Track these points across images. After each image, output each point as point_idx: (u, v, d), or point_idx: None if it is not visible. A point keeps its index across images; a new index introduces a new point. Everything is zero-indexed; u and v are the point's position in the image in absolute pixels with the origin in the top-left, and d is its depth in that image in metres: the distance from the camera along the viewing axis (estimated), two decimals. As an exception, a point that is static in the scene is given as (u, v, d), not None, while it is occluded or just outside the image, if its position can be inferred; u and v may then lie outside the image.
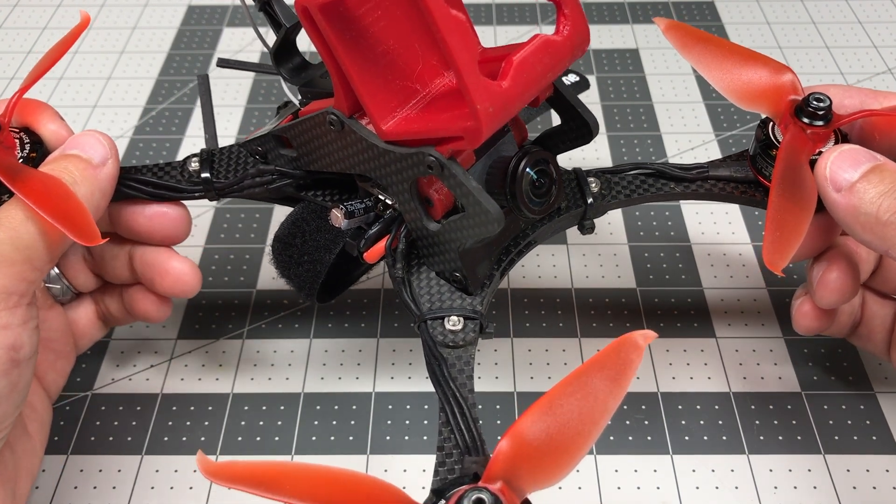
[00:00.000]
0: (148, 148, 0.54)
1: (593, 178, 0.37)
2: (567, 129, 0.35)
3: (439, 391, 0.30)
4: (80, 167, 0.32)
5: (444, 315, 0.33)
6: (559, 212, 0.36)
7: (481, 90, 0.28)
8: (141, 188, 0.36)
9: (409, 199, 0.32)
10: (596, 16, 0.65)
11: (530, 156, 0.32)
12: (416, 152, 0.31)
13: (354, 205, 0.34)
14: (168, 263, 0.36)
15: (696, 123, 0.55)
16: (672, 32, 0.36)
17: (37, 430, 0.35)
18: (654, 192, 0.37)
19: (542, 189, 0.33)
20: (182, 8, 0.66)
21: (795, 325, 0.38)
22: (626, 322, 0.43)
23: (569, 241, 0.48)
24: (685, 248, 0.47)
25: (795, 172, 0.33)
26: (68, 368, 0.38)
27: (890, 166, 0.32)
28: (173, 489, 0.37)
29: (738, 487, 0.37)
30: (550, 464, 0.25)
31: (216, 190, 0.37)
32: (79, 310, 0.39)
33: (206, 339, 0.43)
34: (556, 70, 0.31)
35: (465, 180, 0.30)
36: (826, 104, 0.33)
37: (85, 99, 0.58)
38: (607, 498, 0.37)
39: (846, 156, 0.32)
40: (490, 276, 0.34)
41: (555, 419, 0.25)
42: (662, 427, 0.39)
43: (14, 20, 0.66)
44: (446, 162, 0.30)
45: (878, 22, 0.63)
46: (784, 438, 0.39)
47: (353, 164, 0.33)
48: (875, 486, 0.37)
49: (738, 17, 0.64)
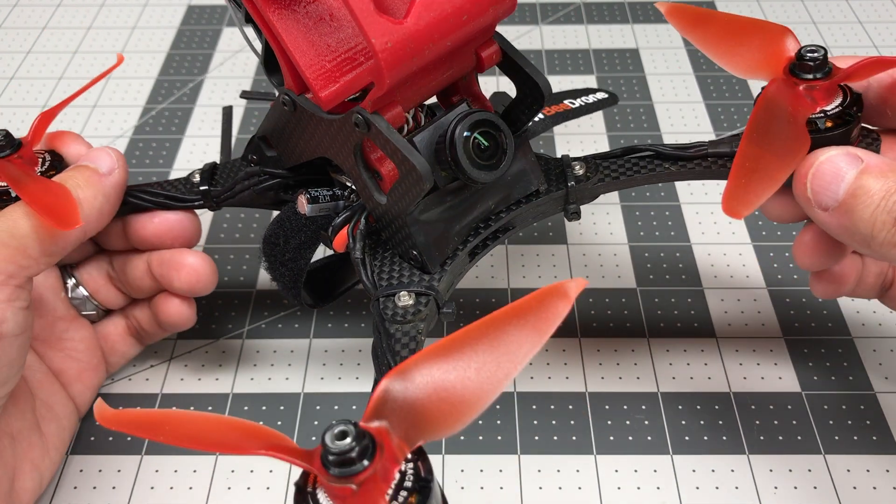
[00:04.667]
0: (148, 148, 0.54)
1: (578, 162, 0.36)
2: (522, 96, 0.34)
3: (375, 364, 0.30)
4: (85, 175, 0.35)
5: (395, 291, 0.32)
6: (538, 194, 0.35)
7: (375, 25, 0.28)
8: (146, 198, 0.38)
9: (358, 173, 0.32)
10: (596, 16, 0.65)
11: (469, 117, 0.31)
12: (347, 114, 0.31)
13: (320, 191, 0.35)
14: (182, 259, 0.38)
15: (696, 123, 0.55)
16: (674, 16, 0.35)
17: (53, 433, 0.36)
18: (646, 172, 0.35)
19: (489, 152, 0.32)
20: (182, 8, 0.66)
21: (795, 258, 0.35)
22: (626, 322, 0.43)
23: (569, 241, 0.48)
24: (685, 248, 0.47)
25: (780, 124, 0.30)
26: (97, 382, 0.40)
27: (875, 168, 0.29)
28: (173, 489, 0.37)
29: (739, 487, 0.37)
30: (446, 413, 0.23)
31: (213, 198, 0.38)
32: (108, 325, 0.40)
33: (206, 339, 0.43)
34: (474, 15, 0.30)
35: (388, 134, 0.30)
36: (819, 54, 0.31)
37: (85, 99, 0.58)
38: (607, 498, 0.37)
39: (826, 170, 0.30)
40: (453, 255, 0.34)
41: (454, 366, 0.24)
42: (662, 427, 0.39)
43: (14, 20, 0.65)
44: (370, 117, 0.30)
45: (879, 22, 0.63)
46: (784, 438, 0.38)
47: (313, 146, 0.34)
48: (875, 487, 0.37)
49: (739, 16, 0.64)
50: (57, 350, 0.38)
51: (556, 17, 0.65)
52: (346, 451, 0.22)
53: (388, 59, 0.28)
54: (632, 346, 0.42)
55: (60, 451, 0.37)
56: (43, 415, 0.36)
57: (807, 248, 0.34)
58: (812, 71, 0.31)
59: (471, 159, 0.31)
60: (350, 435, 0.22)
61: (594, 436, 0.39)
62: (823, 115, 0.32)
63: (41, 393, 0.37)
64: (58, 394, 0.37)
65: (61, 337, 0.38)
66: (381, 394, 0.24)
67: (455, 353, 0.24)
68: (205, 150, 0.54)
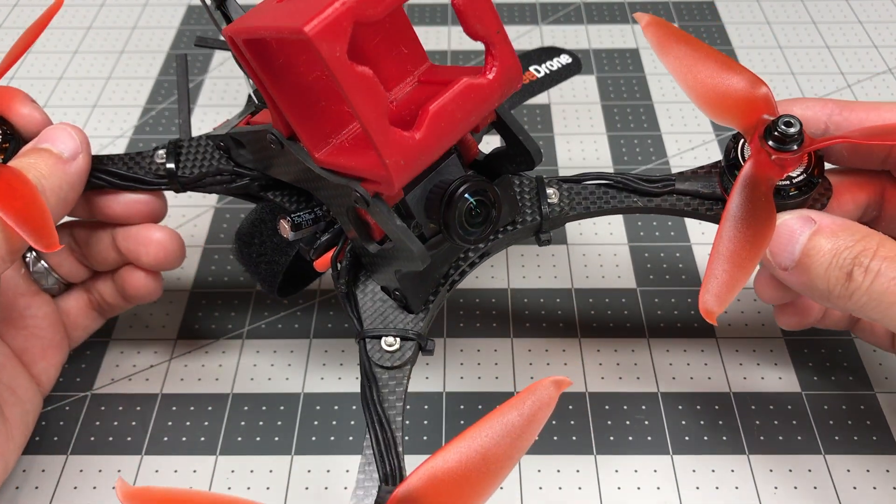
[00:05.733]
0: (147, 148, 0.54)
1: (553, 189, 0.36)
2: (512, 154, 0.34)
3: (366, 413, 0.31)
4: (49, 162, 0.33)
5: (381, 334, 0.33)
6: (514, 224, 0.35)
7: (390, 144, 0.27)
8: (109, 180, 0.37)
9: (347, 223, 0.32)
10: (596, 16, 0.65)
11: (471, 184, 0.31)
12: (345, 184, 0.30)
13: (302, 216, 0.34)
14: (150, 234, 0.37)
15: (696, 123, 0.55)
16: (652, 30, 0.34)
17: (17, 417, 0.35)
18: (615, 204, 0.36)
19: (479, 218, 0.32)
20: (182, 8, 0.66)
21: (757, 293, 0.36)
22: (626, 322, 0.43)
23: (569, 241, 0.48)
24: (685, 248, 0.47)
25: (755, 204, 0.31)
26: (60, 359, 0.39)
27: (826, 229, 0.31)
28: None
29: (739, 488, 0.37)
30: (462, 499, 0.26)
31: (180, 183, 0.37)
32: (69, 300, 0.39)
33: (206, 339, 0.43)
34: (482, 111, 0.30)
35: (387, 220, 0.30)
36: (796, 129, 0.31)
37: (85, 99, 0.58)
38: (607, 498, 0.37)
39: (781, 233, 0.32)
40: (435, 292, 0.34)
41: (470, 456, 0.26)
42: (663, 427, 0.39)
43: (14, 20, 0.65)
44: (371, 200, 0.30)
45: (879, 22, 0.63)
46: (784, 438, 0.38)
47: (297, 179, 0.34)
48: (875, 487, 0.37)
49: (739, 16, 0.64)
50: (19, 328, 0.37)
51: (556, 17, 0.65)
52: None
53: (399, 174, 0.28)
54: (632, 346, 0.42)
55: (25, 434, 0.36)
56: (6, 399, 0.35)
57: (767, 283, 0.36)
58: (789, 143, 0.32)
59: (461, 224, 0.32)
60: None
61: (594, 436, 0.39)
62: (790, 183, 0.32)
63: (3, 376, 0.36)
64: (21, 376, 0.36)
65: (23, 314, 0.37)
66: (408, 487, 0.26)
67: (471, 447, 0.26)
68: (205, 150, 0.54)
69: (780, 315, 0.38)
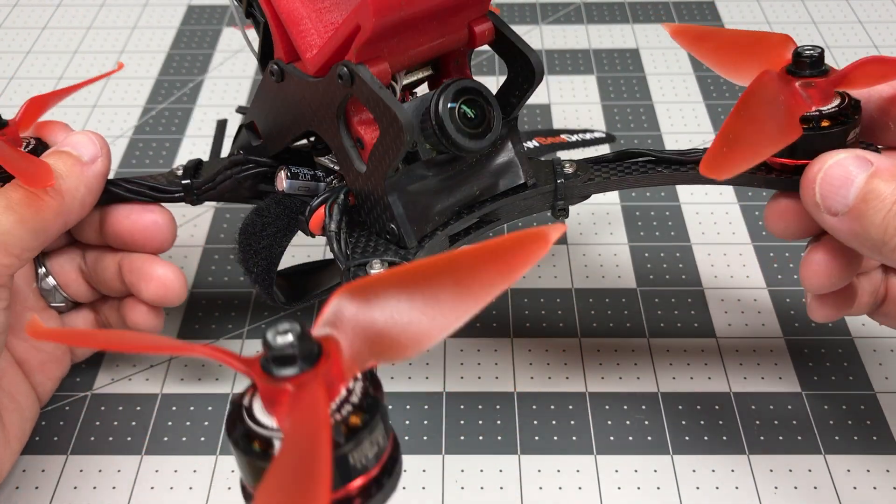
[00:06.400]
0: (148, 148, 0.54)
1: (569, 161, 0.35)
2: (513, 76, 0.33)
3: None
4: (68, 163, 0.34)
5: (367, 260, 0.32)
6: (525, 187, 0.34)
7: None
8: (126, 188, 0.37)
9: (340, 140, 0.32)
10: (596, 16, 0.65)
11: (453, 84, 0.31)
12: (332, 68, 0.30)
13: (300, 169, 0.35)
14: (152, 269, 0.37)
15: (696, 123, 0.55)
16: (679, 35, 0.35)
17: (14, 423, 0.36)
18: (637, 174, 0.35)
19: (476, 121, 0.31)
20: (182, 8, 0.66)
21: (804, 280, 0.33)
22: (627, 322, 0.43)
23: (569, 241, 0.48)
24: (685, 249, 0.47)
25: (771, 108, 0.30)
26: (59, 374, 0.39)
27: (886, 172, 0.29)
28: (173, 489, 0.37)
29: (739, 488, 0.37)
30: (401, 340, 0.22)
31: (194, 189, 0.38)
32: (76, 318, 0.40)
33: (206, 339, 0.43)
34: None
35: (372, 85, 0.29)
36: (816, 52, 0.31)
37: (85, 99, 0.58)
38: (607, 498, 0.37)
39: (835, 174, 0.29)
40: (432, 235, 0.33)
41: (417, 291, 0.22)
42: (663, 427, 0.39)
43: (14, 20, 0.65)
44: (354, 67, 0.30)
45: (879, 22, 0.63)
46: (784, 438, 0.38)
47: (298, 118, 0.33)
48: (875, 487, 0.37)
49: (739, 16, 0.64)
50: (21, 339, 0.37)
51: (556, 17, 0.65)
52: (287, 347, 0.21)
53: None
54: (632, 346, 0.42)
55: (21, 441, 0.36)
56: (5, 405, 0.35)
57: (818, 268, 0.32)
58: (808, 67, 0.31)
59: (457, 126, 0.31)
60: (294, 333, 0.21)
61: (594, 436, 0.39)
62: (819, 114, 0.31)
63: (4, 382, 0.36)
64: (21, 384, 0.37)
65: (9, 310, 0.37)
66: (334, 306, 0.22)
67: (419, 282, 0.22)
68: (205, 149, 0.54)
69: (819, 307, 0.34)
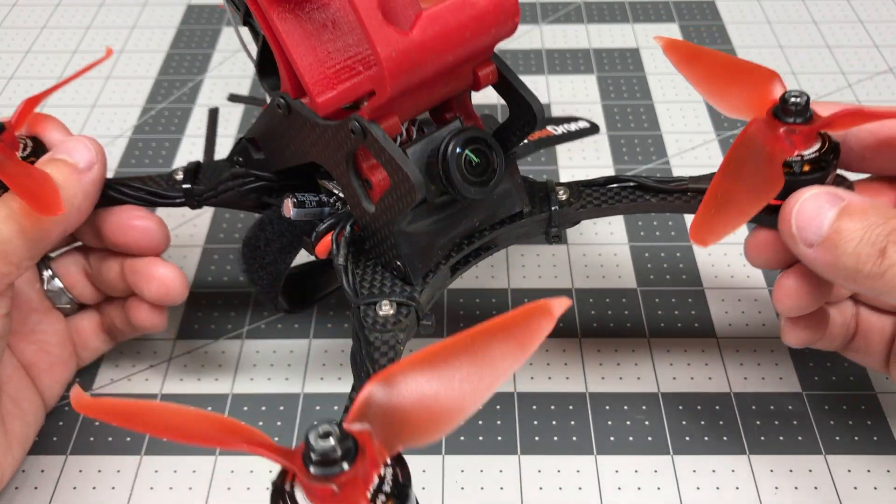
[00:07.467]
0: (147, 147, 0.54)
1: (562, 187, 0.37)
2: (514, 118, 0.34)
3: (354, 372, 0.30)
4: (65, 171, 0.34)
5: (376, 300, 0.32)
6: (521, 216, 0.36)
7: (382, 34, 0.28)
8: (125, 192, 0.37)
9: (348, 180, 0.32)
10: (596, 15, 0.65)
11: (462, 133, 0.32)
12: (344, 120, 0.31)
13: (306, 196, 0.35)
14: (153, 270, 0.37)
15: (696, 123, 0.55)
16: (672, 53, 0.36)
17: (18, 430, 0.36)
18: (627, 202, 0.36)
19: (479, 169, 0.32)
20: (181, 7, 0.66)
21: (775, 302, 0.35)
22: (627, 322, 0.43)
23: (569, 241, 0.48)
24: (685, 249, 0.47)
25: (756, 162, 0.31)
26: (66, 377, 0.39)
27: (857, 207, 0.30)
28: (172, 489, 0.37)
29: (739, 488, 0.37)
30: (427, 422, 0.24)
31: (195, 197, 0.38)
32: (82, 320, 0.40)
33: (206, 339, 0.43)
34: (476, 34, 0.30)
35: (384, 143, 0.30)
36: (802, 100, 0.32)
37: (84, 98, 0.58)
38: (608, 498, 0.37)
39: (809, 207, 0.31)
40: (435, 269, 0.34)
41: (438, 376, 0.24)
42: (663, 427, 0.39)
43: (13, 20, 0.65)
44: (367, 125, 0.30)
45: (879, 21, 0.63)
46: (785, 439, 0.38)
47: (304, 151, 0.34)
48: (876, 487, 0.37)
49: (739, 16, 0.64)
50: (29, 342, 0.37)
51: (556, 17, 0.65)
52: (330, 451, 0.22)
53: (392, 68, 0.29)
54: (632, 347, 0.42)
55: (24, 447, 0.36)
56: (9, 410, 0.36)
57: (789, 291, 0.34)
58: (794, 115, 0.32)
59: (462, 175, 0.32)
60: (334, 435, 0.23)
61: (594, 436, 0.39)
62: (801, 159, 0.32)
63: (9, 388, 0.36)
64: (26, 389, 0.37)
65: (34, 329, 0.38)
66: (364, 398, 0.24)
67: (439, 364, 0.24)
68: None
69: (792, 329, 0.36)
